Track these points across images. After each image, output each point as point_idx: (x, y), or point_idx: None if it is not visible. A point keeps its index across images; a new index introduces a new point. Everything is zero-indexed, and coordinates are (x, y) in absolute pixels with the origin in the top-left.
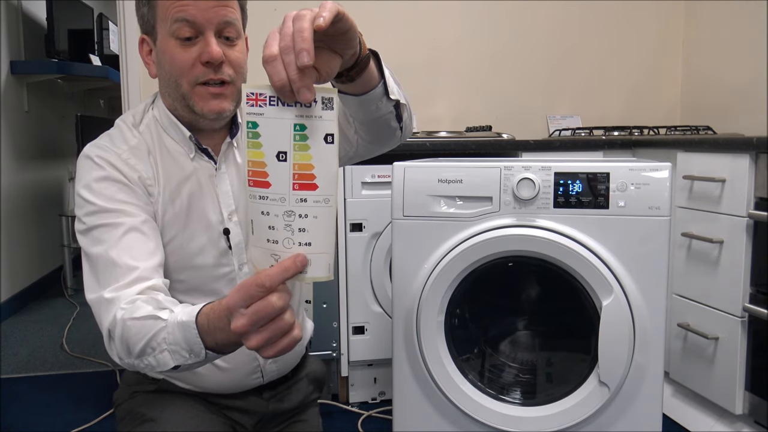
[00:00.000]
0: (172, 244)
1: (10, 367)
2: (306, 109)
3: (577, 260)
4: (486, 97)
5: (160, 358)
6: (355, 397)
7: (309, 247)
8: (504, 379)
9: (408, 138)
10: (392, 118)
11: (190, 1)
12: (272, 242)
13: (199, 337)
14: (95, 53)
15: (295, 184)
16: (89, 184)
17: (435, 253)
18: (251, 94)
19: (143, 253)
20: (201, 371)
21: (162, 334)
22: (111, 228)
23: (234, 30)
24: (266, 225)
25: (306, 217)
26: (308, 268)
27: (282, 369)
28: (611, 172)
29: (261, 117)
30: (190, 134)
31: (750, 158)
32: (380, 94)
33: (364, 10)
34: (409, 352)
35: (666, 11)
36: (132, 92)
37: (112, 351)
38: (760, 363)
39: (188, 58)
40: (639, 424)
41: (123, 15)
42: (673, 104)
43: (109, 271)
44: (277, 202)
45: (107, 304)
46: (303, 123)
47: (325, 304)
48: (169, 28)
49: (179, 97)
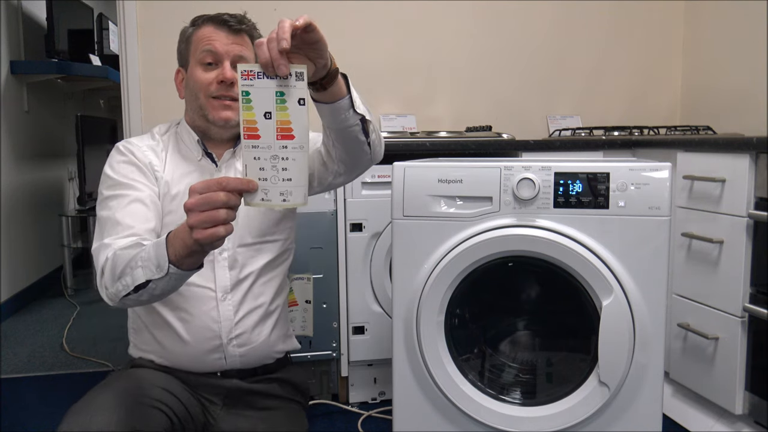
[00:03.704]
0: (167, 218)
1: (10, 367)
2: (284, 80)
3: (577, 260)
4: (486, 97)
5: (135, 274)
6: (355, 397)
7: (290, 182)
8: (504, 379)
9: (377, 161)
10: (359, 131)
11: (215, 38)
12: (262, 180)
13: (166, 249)
14: (95, 53)
15: (278, 135)
16: (112, 165)
17: (435, 253)
18: (245, 71)
19: (141, 218)
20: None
21: (140, 254)
22: (120, 198)
23: (245, 62)
24: (257, 167)
25: (287, 159)
26: (290, 197)
27: (246, 357)
28: (611, 172)
29: (252, 87)
30: (198, 138)
31: (750, 158)
32: (347, 105)
33: (365, 10)
34: (409, 352)
35: (666, 11)
36: (132, 92)
37: (101, 286)
38: (760, 363)
39: (208, 78)
40: (639, 424)
41: (123, 15)
42: (673, 104)
43: (112, 227)
44: (265, 149)
45: (104, 248)
46: (282, 90)
47: (325, 304)
48: (198, 56)
49: (197, 108)
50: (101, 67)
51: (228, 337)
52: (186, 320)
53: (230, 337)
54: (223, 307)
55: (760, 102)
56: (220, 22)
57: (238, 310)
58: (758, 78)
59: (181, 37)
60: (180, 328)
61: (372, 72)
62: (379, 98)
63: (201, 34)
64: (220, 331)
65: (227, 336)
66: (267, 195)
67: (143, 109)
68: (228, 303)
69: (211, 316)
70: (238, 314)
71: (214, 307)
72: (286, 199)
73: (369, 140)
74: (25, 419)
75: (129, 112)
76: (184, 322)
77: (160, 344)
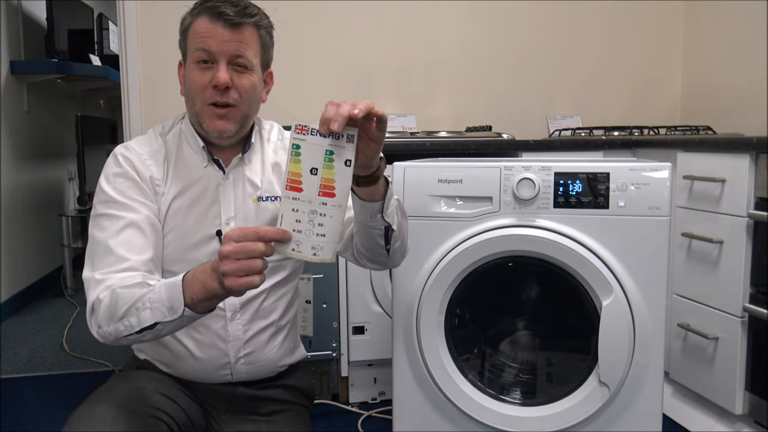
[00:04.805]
0: (171, 235)
1: (10, 367)
2: (335, 140)
3: (577, 260)
4: (486, 97)
5: (142, 315)
6: (355, 397)
7: (323, 238)
8: (504, 379)
9: (395, 266)
10: (380, 236)
11: (210, 35)
12: (297, 231)
13: (182, 292)
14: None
15: (321, 192)
16: (108, 177)
17: (435, 253)
18: (299, 125)
19: (137, 248)
20: (179, 356)
21: (148, 296)
22: (114, 219)
23: (245, 62)
24: (294, 218)
25: (324, 215)
26: (319, 252)
27: (252, 372)
28: (611, 172)
29: (303, 142)
30: (203, 145)
31: (750, 158)
32: (377, 209)
33: (365, 10)
34: (409, 352)
35: (666, 11)
36: (132, 92)
37: (92, 323)
38: (760, 363)
39: (203, 81)
40: (639, 424)
41: (123, 15)
42: (673, 104)
43: (105, 257)
44: (305, 203)
45: (96, 283)
46: (332, 149)
47: (325, 304)
48: (192, 54)
49: (194, 114)
50: (101, 67)
51: (236, 356)
52: (196, 339)
53: (238, 356)
54: (232, 327)
55: (760, 102)
56: (216, 15)
57: (248, 330)
58: (758, 78)
59: (180, 26)
60: (191, 346)
61: (372, 72)
62: (379, 98)
63: (196, 27)
64: (228, 350)
65: (235, 355)
66: (299, 246)
67: (143, 109)
68: (237, 322)
69: (219, 335)
70: (248, 333)
71: (223, 326)
72: (316, 254)
73: (389, 247)
74: (25, 419)
75: (129, 112)
76: (194, 341)
77: (168, 357)
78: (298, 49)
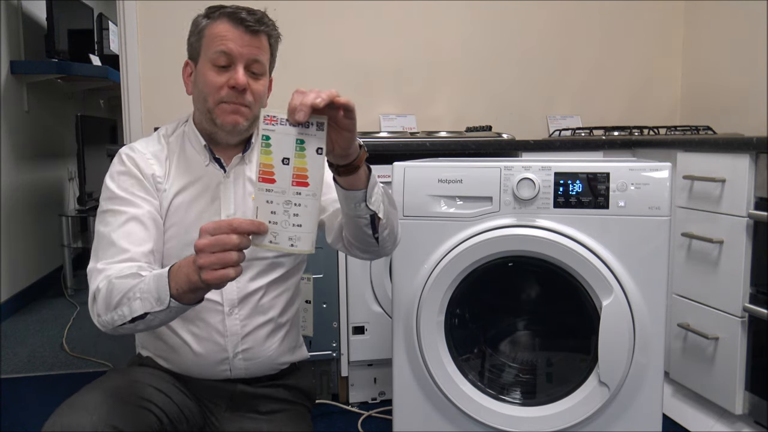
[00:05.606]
0: (172, 230)
1: (10, 367)
2: (305, 129)
3: (577, 260)
4: (486, 97)
5: (133, 305)
6: (355, 397)
7: (299, 228)
8: (504, 379)
9: (387, 255)
10: (367, 225)
11: (231, 38)
12: (273, 223)
13: (168, 283)
14: (95, 53)
15: (294, 181)
16: (113, 175)
17: (435, 253)
18: (268, 116)
19: (137, 240)
20: (178, 351)
21: (139, 286)
22: (117, 214)
23: (260, 67)
24: (269, 210)
25: (299, 205)
26: (297, 243)
27: (251, 369)
28: (611, 172)
29: (273, 132)
30: (205, 143)
31: (750, 158)
32: (360, 197)
33: (365, 10)
34: (409, 352)
35: (666, 11)
36: (132, 92)
37: (93, 312)
38: (760, 363)
39: (219, 81)
40: (639, 424)
41: (123, 15)
42: (673, 104)
43: (107, 249)
44: (279, 194)
45: (97, 273)
46: (302, 138)
47: (325, 304)
48: (210, 56)
49: (205, 111)
50: (101, 67)
51: (234, 351)
52: (195, 333)
53: (236, 351)
54: (229, 322)
55: (760, 102)
56: (237, 20)
57: (246, 325)
58: (758, 78)
59: (194, 28)
60: (190, 340)
61: (372, 72)
62: (379, 98)
63: (215, 30)
64: (226, 345)
65: (233, 350)
66: (276, 238)
67: (143, 109)
68: (235, 317)
69: (217, 329)
70: (246, 328)
71: (221, 320)
72: (294, 244)
73: (377, 236)
74: (25, 419)
75: (129, 112)
76: (193, 335)
77: (168, 352)
78: (297, 48)
